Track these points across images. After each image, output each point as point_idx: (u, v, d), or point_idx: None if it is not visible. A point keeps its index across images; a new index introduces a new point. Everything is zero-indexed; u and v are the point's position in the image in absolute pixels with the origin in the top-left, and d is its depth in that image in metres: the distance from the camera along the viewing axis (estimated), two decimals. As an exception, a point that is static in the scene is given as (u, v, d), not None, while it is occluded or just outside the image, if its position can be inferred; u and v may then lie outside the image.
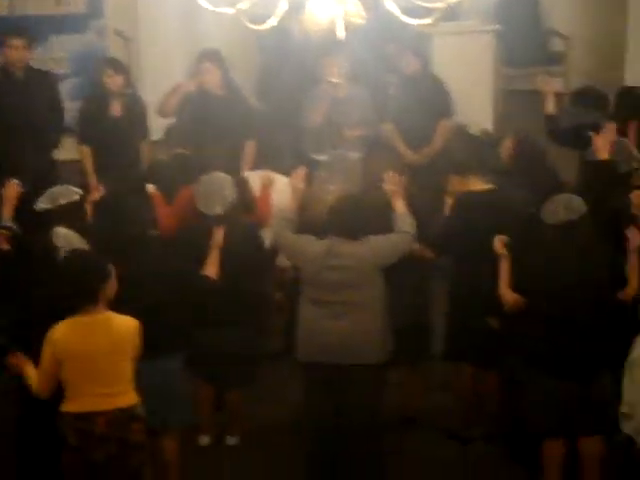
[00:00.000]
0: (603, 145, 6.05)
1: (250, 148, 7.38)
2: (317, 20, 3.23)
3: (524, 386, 5.45)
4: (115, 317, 4.78)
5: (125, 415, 4.74)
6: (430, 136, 7.78)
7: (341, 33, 3.19)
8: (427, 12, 3.77)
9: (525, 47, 10.01)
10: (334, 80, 7.38)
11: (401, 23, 3.60)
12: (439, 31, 8.67)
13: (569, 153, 7.31)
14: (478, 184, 5.96)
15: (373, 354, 5.57)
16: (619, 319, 5.17)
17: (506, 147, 6.49)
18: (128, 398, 4.78)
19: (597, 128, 6.62)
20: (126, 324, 4.77)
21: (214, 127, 7.23)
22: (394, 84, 8.10)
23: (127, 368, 4.77)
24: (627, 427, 4.82)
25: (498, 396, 6.04)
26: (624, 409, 4.84)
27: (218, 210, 5.77)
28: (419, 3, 3.19)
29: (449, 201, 6.01)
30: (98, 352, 4.69)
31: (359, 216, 5.57)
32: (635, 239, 5.48)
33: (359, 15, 3.31)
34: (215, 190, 5.82)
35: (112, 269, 4.80)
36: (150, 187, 6.31)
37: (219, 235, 5.70)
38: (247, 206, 6.29)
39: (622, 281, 5.30)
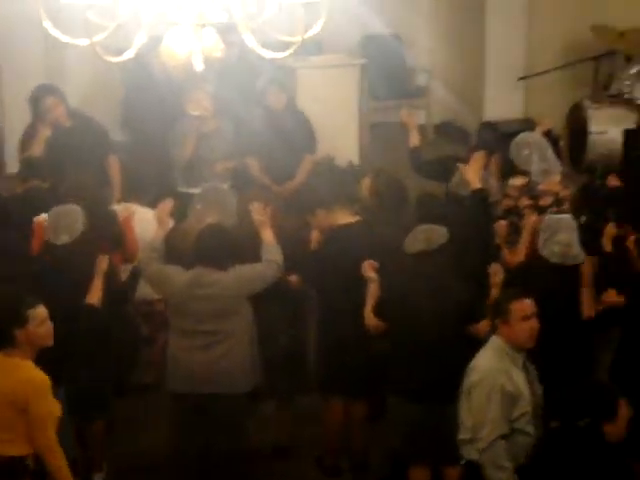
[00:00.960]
0: (473, 175, 6.21)
1: (115, 175, 7.34)
2: (174, 54, 3.25)
3: (391, 414, 5.55)
4: (23, 367, 4.67)
5: (6, 463, 4.64)
6: (294, 170, 7.83)
7: (199, 67, 3.21)
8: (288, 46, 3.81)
9: (389, 81, 10.18)
10: (196, 113, 7.40)
11: (269, 57, 3.61)
12: (304, 65, 8.78)
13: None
14: (344, 217, 6.05)
15: (241, 383, 5.59)
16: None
17: (366, 184, 6.63)
18: (13, 448, 4.67)
19: (460, 160, 6.82)
20: (28, 379, 4.66)
21: (71, 157, 7.16)
22: (260, 118, 8.15)
23: (15, 421, 4.64)
24: (471, 452, 4.91)
25: (367, 426, 6.12)
26: (465, 435, 4.93)
27: (65, 239, 5.73)
28: (277, 37, 3.23)
29: (315, 235, 6.09)
30: None
31: (224, 245, 5.60)
32: (497, 275, 5.68)
33: (217, 49, 3.34)
34: (64, 220, 5.79)
35: (35, 314, 4.70)
36: (40, 217, 6.26)
37: (103, 262, 5.69)
38: (116, 241, 6.28)
39: (479, 314, 5.42)
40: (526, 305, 4.96)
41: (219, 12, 3.24)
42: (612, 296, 5.60)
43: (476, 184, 6.19)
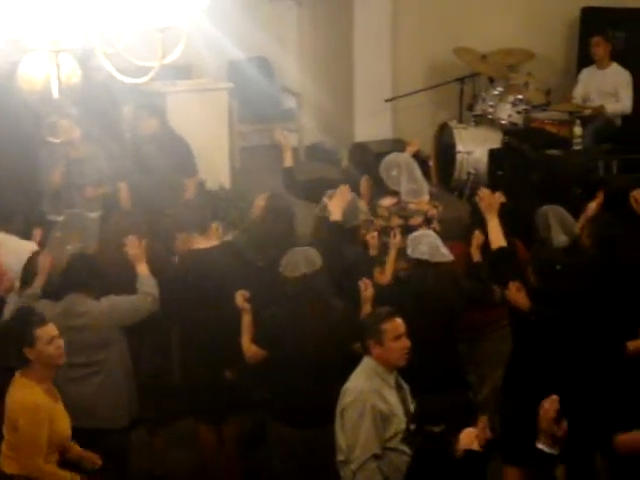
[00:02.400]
0: (336, 208, 6.27)
1: None
2: (31, 80, 3.20)
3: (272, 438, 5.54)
4: (24, 389, 4.80)
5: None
6: (172, 195, 7.76)
7: (55, 93, 3.16)
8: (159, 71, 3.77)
9: (259, 104, 10.21)
10: (57, 140, 7.28)
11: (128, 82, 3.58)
12: (172, 90, 8.74)
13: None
14: (206, 242, 6.03)
15: (118, 417, 5.54)
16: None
17: (258, 205, 6.63)
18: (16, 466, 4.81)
19: (331, 182, 6.88)
20: (22, 401, 4.79)
21: None
22: (131, 143, 8.08)
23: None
24: (347, 473, 4.93)
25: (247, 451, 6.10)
26: (341, 457, 4.95)
27: None
28: (136, 62, 3.21)
29: (176, 260, 6.06)
30: None
31: (93, 271, 5.53)
32: (367, 290, 5.74)
33: (75, 75, 3.30)
34: None
35: (42, 332, 4.78)
36: None
37: None
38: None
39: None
40: (397, 325, 5.01)
41: (74, 38, 3.20)
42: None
43: (336, 216, 6.25)
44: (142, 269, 5.77)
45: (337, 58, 10.47)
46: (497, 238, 6.00)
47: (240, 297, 5.65)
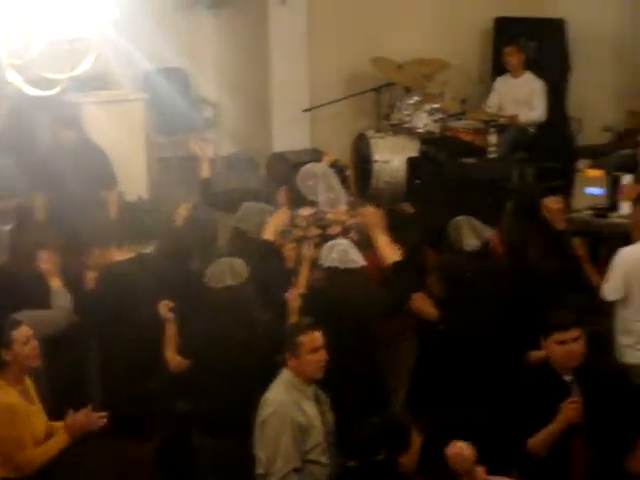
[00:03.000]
0: (270, 228, 6.27)
1: None
2: None
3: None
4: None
5: None
6: (89, 208, 7.67)
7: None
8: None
9: (176, 115, 10.15)
10: None
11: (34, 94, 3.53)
12: (88, 100, 8.66)
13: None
14: (121, 254, 5.97)
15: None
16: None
17: (180, 215, 6.59)
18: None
19: (247, 193, 6.88)
20: None
21: None
22: (46, 154, 7.97)
23: None
24: None
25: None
26: (260, 470, 4.93)
27: None
28: (44, 74, 3.17)
29: (90, 274, 5.99)
30: None
31: (3, 289, 5.47)
32: (293, 301, 5.76)
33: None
34: None
35: (19, 334, 4.76)
36: None
37: None
38: None
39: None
40: (314, 338, 5.01)
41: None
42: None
43: (268, 235, 6.24)
44: (55, 283, 5.71)
45: (254, 68, 10.46)
46: (389, 254, 5.94)
47: (164, 307, 5.62)
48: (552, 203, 6.50)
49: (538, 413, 4.75)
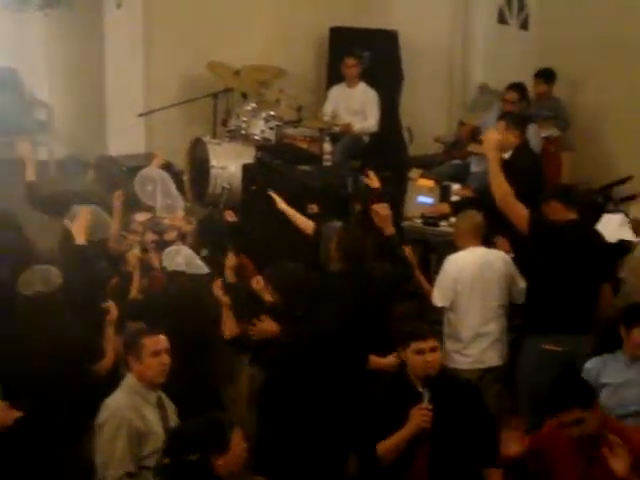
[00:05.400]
0: (78, 231, 6.21)
1: None
2: None
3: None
4: None
5: None
6: None
7: None
8: None
9: (7, 116, 9.91)
10: None
11: None
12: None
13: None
14: None
15: None
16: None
17: None
18: None
19: (75, 195, 6.80)
20: None
21: None
22: None
23: None
24: None
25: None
26: (98, 475, 4.85)
27: None
28: None
29: None
30: None
31: None
32: (112, 313, 5.73)
33: None
34: None
35: None
36: None
37: None
38: None
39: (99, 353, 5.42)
40: (157, 341, 4.98)
41: None
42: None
43: (79, 240, 6.19)
44: None
45: (88, 71, 10.30)
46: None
47: None
48: (380, 209, 6.64)
49: (389, 419, 4.79)
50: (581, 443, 4.57)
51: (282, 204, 7.31)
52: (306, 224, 7.04)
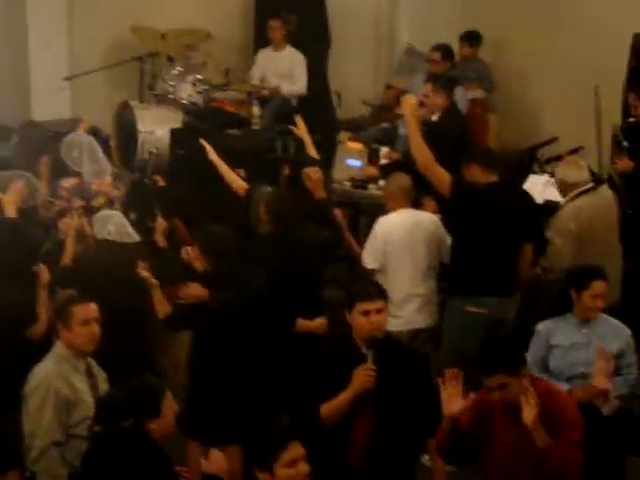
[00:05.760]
0: (10, 204, 6.14)
1: None
2: None
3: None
4: None
5: None
6: None
7: None
8: None
9: None
10: None
11: None
12: None
13: None
14: None
15: None
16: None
17: None
18: None
19: (4, 162, 6.71)
20: None
21: None
22: None
23: None
24: (28, 461, 4.73)
25: None
26: (25, 444, 4.79)
27: None
28: None
29: None
30: None
31: None
32: (42, 277, 5.67)
33: None
34: None
35: None
36: None
37: None
38: None
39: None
40: (87, 309, 4.95)
41: None
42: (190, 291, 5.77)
43: (11, 213, 6.12)
44: None
45: (11, 35, 10.08)
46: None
47: None
48: (312, 173, 6.65)
49: (333, 381, 4.73)
50: (506, 407, 4.61)
51: (213, 155, 7.28)
52: (237, 183, 7.03)
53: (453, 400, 4.62)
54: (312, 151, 7.38)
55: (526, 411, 4.48)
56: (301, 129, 7.52)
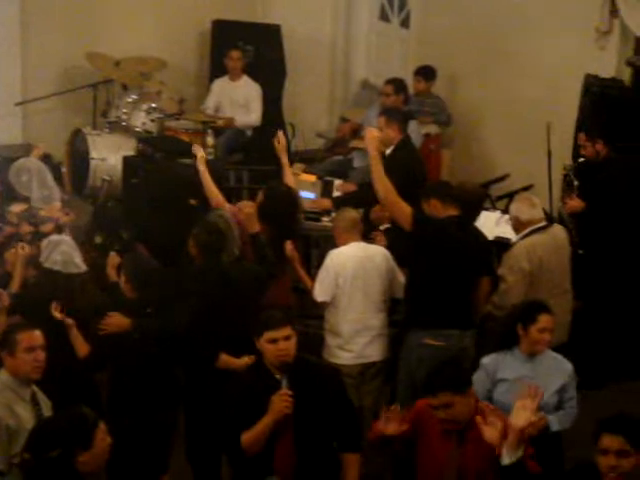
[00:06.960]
0: None
1: None
2: None
3: None
4: None
5: None
6: None
7: None
8: None
9: None
10: None
11: None
12: None
13: None
14: None
15: None
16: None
17: None
18: None
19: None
20: None
21: None
22: None
23: None
24: None
25: None
26: None
27: None
28: None
29: None
30: None
31: None
32: (2, 302, 5.64)
33: None
34: None
35: None
36: None
37: None
38: None
39: None
40: (32, 336, 4.88)
41: None
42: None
43: None
44: None
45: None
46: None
47: None
48: (244, 207, 6.60)
49: (251, 409, 4.79)
50: (446, 425, 4.68)
51: (202, 166, 7.18)
52: (217, 199, 6.93)
53: (392, 421, 4.79)
54: (289, 178, 7.34)
55: (487, 431, 4.53)
56: (282, 145, 7.46)
